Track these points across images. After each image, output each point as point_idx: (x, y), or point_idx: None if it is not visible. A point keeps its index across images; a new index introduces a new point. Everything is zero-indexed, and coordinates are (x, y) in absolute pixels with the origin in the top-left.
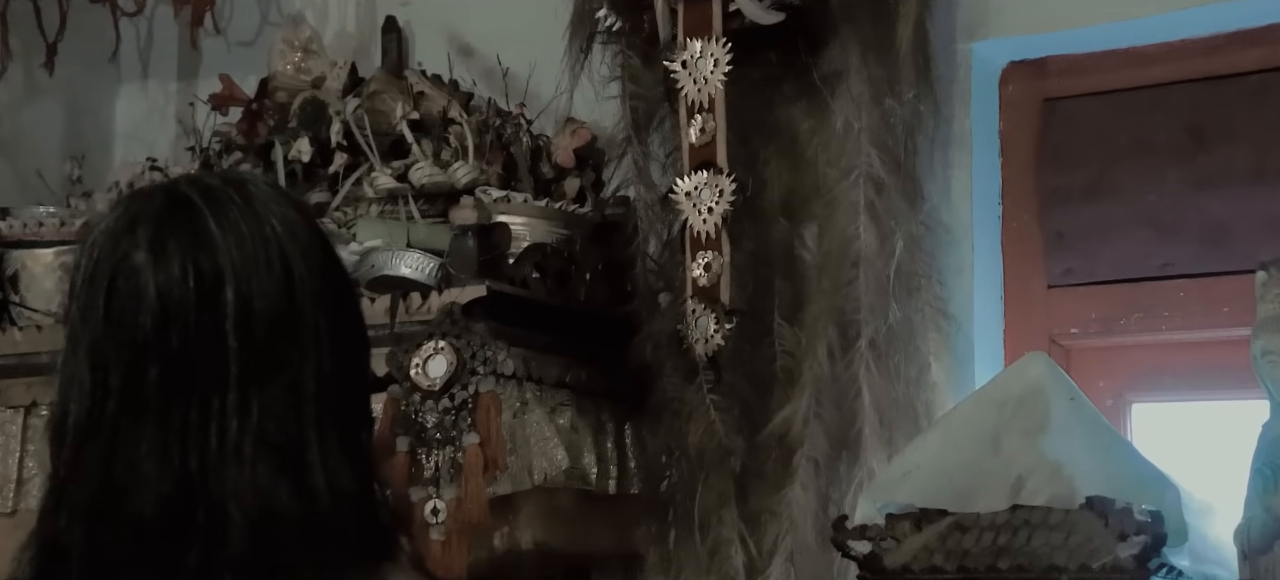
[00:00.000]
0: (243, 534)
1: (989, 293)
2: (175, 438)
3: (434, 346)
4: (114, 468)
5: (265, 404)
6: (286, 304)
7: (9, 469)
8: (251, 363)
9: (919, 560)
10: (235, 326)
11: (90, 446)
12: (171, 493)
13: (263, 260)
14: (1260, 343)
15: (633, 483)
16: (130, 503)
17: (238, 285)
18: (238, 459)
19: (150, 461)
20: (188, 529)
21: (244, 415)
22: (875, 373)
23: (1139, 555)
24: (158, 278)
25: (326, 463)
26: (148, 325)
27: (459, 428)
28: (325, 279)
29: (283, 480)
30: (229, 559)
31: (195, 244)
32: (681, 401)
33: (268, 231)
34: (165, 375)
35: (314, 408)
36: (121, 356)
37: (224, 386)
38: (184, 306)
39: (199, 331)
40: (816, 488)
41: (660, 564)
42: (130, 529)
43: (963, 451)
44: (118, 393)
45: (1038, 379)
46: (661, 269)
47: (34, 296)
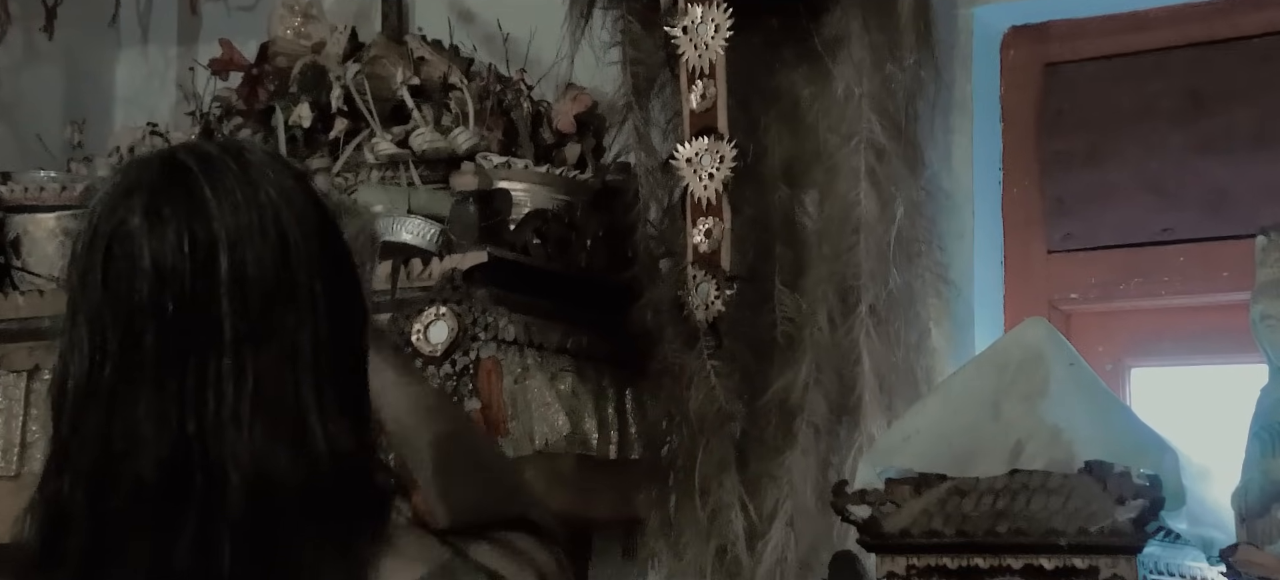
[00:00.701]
0: (241, 496)
1: (989, 258)
2: (173, 401)
3: (435, 312)
4: (113, 431)
5: (261, 368)
6: (281, 270)
7: (12, 433)
8: (247, 328)
9: (918, 524)
10: (230, 292)
11: (90, 410)
12: (170, 456)
13: (257, 227)
14: (1259, 307)
15: (633, 448)
16: (130, 465)
17: (232, 252)
18: (235, 422)
19: (148, 424)
20: (187, 491)
21: (240, 379)
22: (875, 338)
23: (1137, 519)
24: (153, 244)
25: (325, 426)
26: (143, 291)
27: (460, 393)
28: (321, 245)
29: (280, 443)
30: (228, 521)
31: (190, 211)
32: (682, 367)
33: (263, 198)
34: (161, 340)
35: (311, 373)
36: (118, 322)
37: (219, 351)
38: (179, 273)
39: (194, 297)
40: (816, 453)
41: (661, 528)
42: (130, 491)
43: (962, 416)
44: (115, 357)
45: (1037, 344)
46: (662, 235)
47: (36, 261)
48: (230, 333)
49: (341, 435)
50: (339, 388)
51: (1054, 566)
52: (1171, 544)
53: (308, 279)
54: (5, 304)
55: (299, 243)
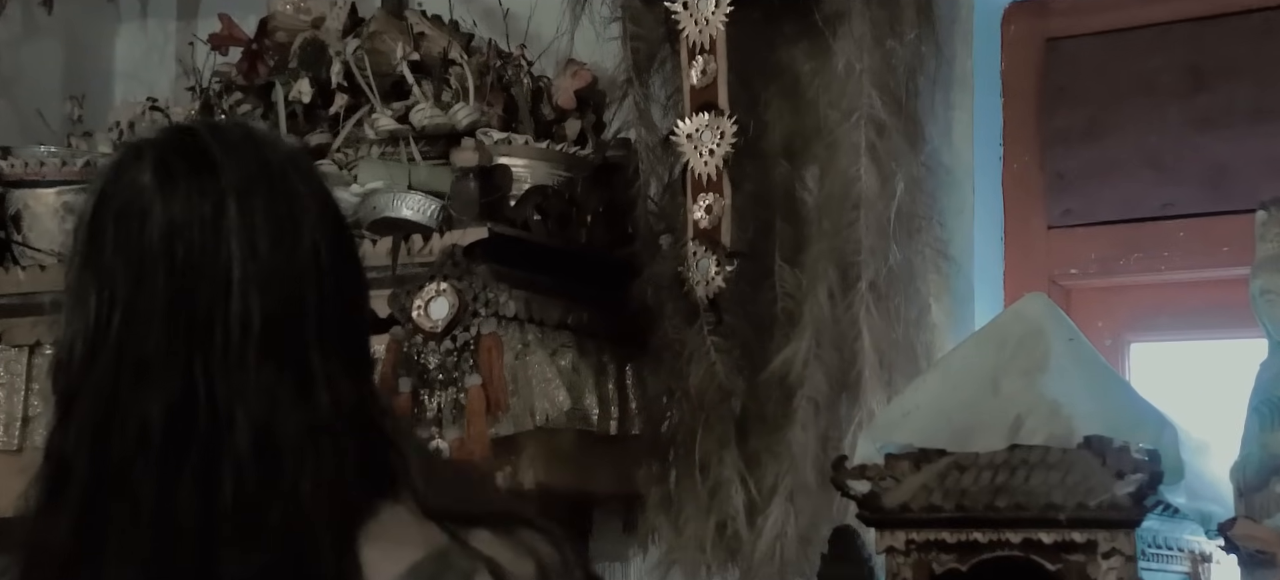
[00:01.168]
0: (247, 435)
1: (989, 234)
2: (181, 341)
3: (436, 288)
4: (122, 372)
5: (267, 313)
6: (288, 224)
7: (14, 407)
8: (254, 274)
9: (917, 499)
10: (238, 239)
11: (99, 357)
12: (178, 396)
13: (264, 180)
14: (1259, 282)
15: (634, 424)
16: (137, 405)
17: (240, 202)
18: (242, 364)
19: (157, 363)
20: (192, 430)
21: (246, 323)
22: (875, 314)
23: (1135, 493)
24: (164, 196)
25: (329, 374)
26: (154, 237)
27: (461, 369)
28: (324, 210)
29: (285, 387)
30: (234, 458)
31: (200, 166)
32: (682, 343)
33: (269, 156)
34: (170, 283)
35: (316, 322)
36: (129, 270)
37: (227, 295)
38: (189, 222)
39: (202, 243)
40: (816, 428)
41: (661, 504)
42: (137, 430)
43: (962, 392)
44: (124, 303)
45: (1037, 319)
46: (662, 211)
47: (36, 236)
48: (238, 276)
49: (344, 385)
50: (342, 345)
51: (1053, 541)
52: (1170, 518)
53: (312, 234)
54: (6, 279)
55: (305, 199)
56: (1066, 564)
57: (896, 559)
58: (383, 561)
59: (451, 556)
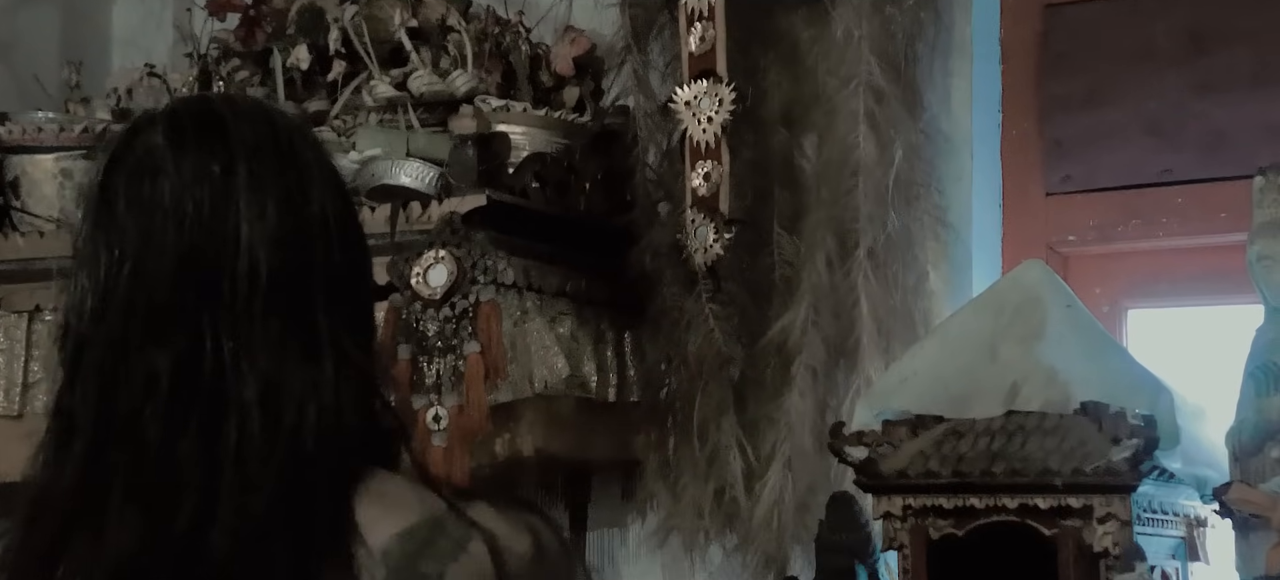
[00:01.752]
0: (253, 390)
1: (987, 201)
2: (190, 296)
3: (434, 256)
4: (130, 325)
5: (275, 269)
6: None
7: (14, 373)
8: (262, 233)
9: (914, 465)
10: (247, 200)
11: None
12: (186, 349)
13: (273, 145)
14: (1256, 247)
15: (632, 391)
16: (145, 356)
17: (250, 165)
18: (249, 318)
19: (165, 319)
20: (198, 381)
21: (254, 279)
22: (873, 281)
23: (1131, 458)
24: (175, 154)
25: (334, 332)
26: (165, 193)
27: (460, 336)
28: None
29: (292, 342)
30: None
31: (211, 129)
32: (680, 310)
33: (278, 124)
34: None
35: (323, 283)
36: (139, 227)
37: (235, 252)
38: (200, 180)
39: (213, 205)
40: (814, 395)
41: (659, 470)
42: (144, 383)
43: (959, 358)
44: (134, 260)
45: (1034, 286)
46: (661, 178)
47: (35, 202)
48: (246, 235)
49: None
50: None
51: (1049, 506)
52: (1165, 483)
53: (320, 199)
54: (5, 245)
55: (312, 167)
56: (1062, 529)
57: (893, 524)
58: (378, 522)
59: (447, 524)
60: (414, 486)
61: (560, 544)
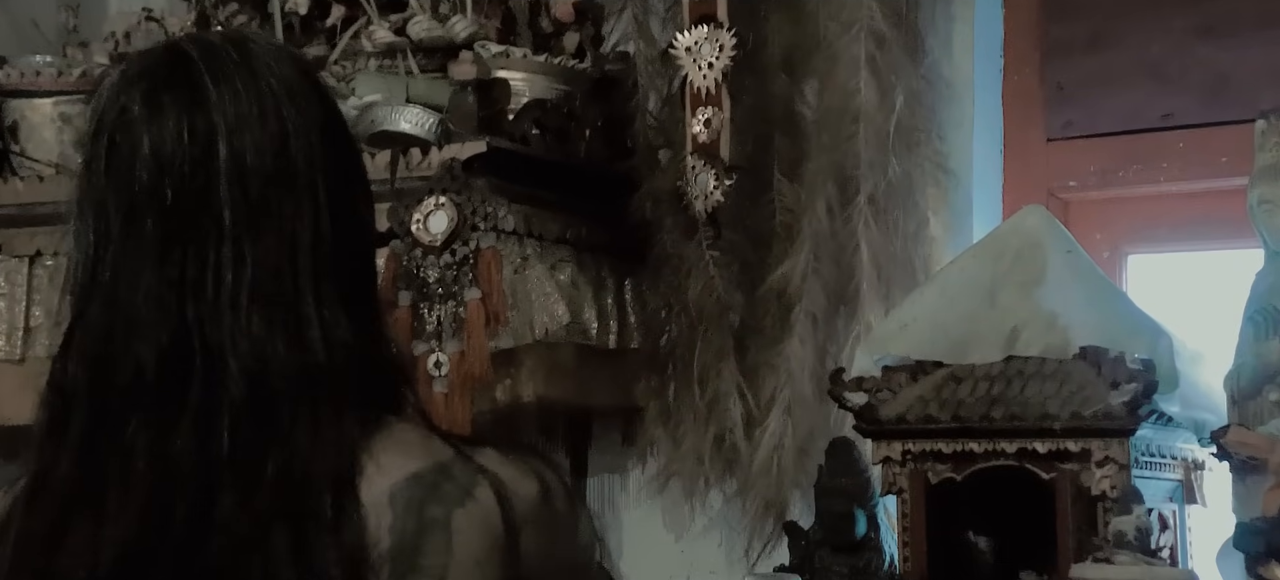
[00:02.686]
0: (240, 382)
1: (988, 147)
2: (172, 288)
3: (435, 202)
4: (114, 317)
5: (259, 257)
6: (280, 160)
7: (16, 317)
8: (245, 217)
9: (914, 411)
10: (228, 180)
11: (94, 296)
12: (170, 342)
13: (257, 116)
14: (1257, 191)
15: (633, 337)
16: (130, 351)
17: (231, 140)
18: (233, 309)
19: (148, 310)
20: (186, 377)
21: (238, 267)
22: (873, 228)
23: (1130, 402)
24: (152, 132)
25: (323, 316)
26: (143, 178)
27: (460, 283)
28: (324, 138)
29: (278, 331)
30: (228, 406)
31: (190, 99)
32: (681, 257)
33: (264, 88)
34: (161, 227)
35: (310, 263)
36: (120, 209)
37: (218, 240)
38: (177, 161)
39: (192, 185)
40: (814, 342)
41: (659, 416)
42: (131, 375)
43: (959, 304)
44: (117, 244)
45: (1035, 232)
46: (661, 125)
47: (34, 146)
48: (229, 221)
49: (339, 326)
50: (339, 280)
51: (1047, 450)
52: (1164, 426)
53: (308, 170)
54: (5, 189)
55: (299, 133)
56: (1060, 473)
57: (892, 469)
58: (385, 468)
59: (454, 469)
60: (421, 432)
61: (565, 489)
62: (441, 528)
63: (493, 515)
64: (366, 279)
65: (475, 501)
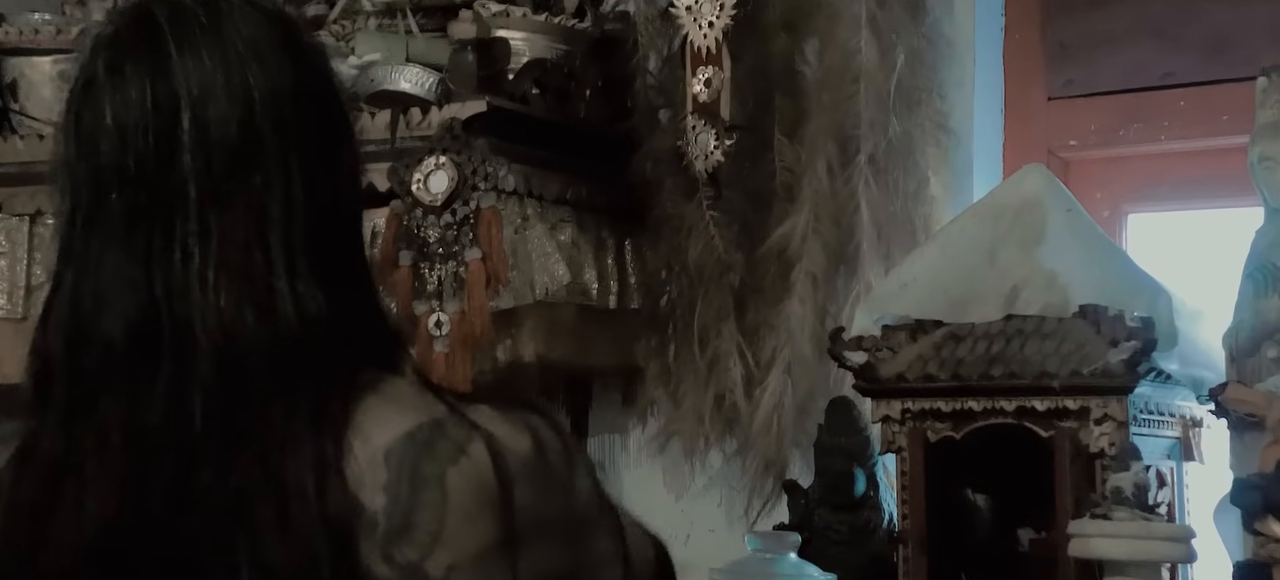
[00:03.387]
0: (210, 358)
1: (989, 106)
2: (139, 262)
3: (435, 162)
4: (83, 290)
5: (226, 230)
6: (246, 130)
7: (17, 276)
8: (210, 189)
9: (913, 369)
10: (192, 152)
11: (67, 269)
12: (138, 317)
13: (222, 84)
14: (1258, 149)
15: (633, 298)
16: (100, 325)
17: (194, 109)
18: (201, 284)
19: (116, 284)
20: (156, 352)
21: (205, 241)
22: (874, 188)
23: (1129, 360)
24: (114, 102)
25: (295, 288)
26: (106, 149)
27: (461, 243)
28: (297, 104)
29: (247, 305)
30: (198, 382)
31: (153, 67)
32: (681, 218)
33: (231, 53)
34: (126, 200)
35: (281, 234)
36: (88, 180)
37: (185, 213)
38: (140, 132)
39: (157, 157)
40: (814, 302)
41: (660, 377)
42: (102, 350)
43: (959, 263)
44: (85, 216)
45: (1035, 191)
46: (661, 85)
47: (33, 105)
48: (194, 193)
49: (313, 299)
50: (316, 249)
51: (1046, 408)
52: (1162, 384)
53: (277, 138)
54: (5, 148)
55: (268, 100)
56: (1059, 430)
57: (892, 428)
58: (379, 426)
59: (447, 425)
60: (415, 389)
61: (562, 442)
62: (435, 486)
63: (486, 472)
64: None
65: (469, 458)
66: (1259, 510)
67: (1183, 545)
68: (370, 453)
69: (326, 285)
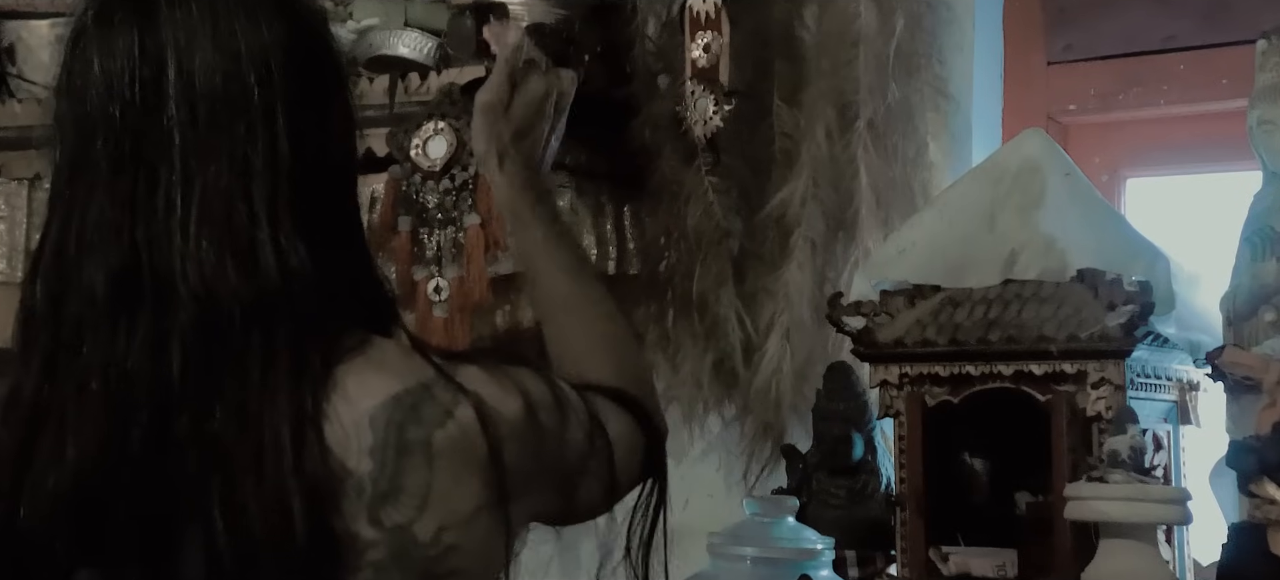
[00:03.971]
0: (190, 307)
1: (989, 71)
2: (123, 210)
3: (433, 127)
4: (68, 236)
5: (209, 182)
6: (232, 82)
7: (16, 239)
8: (194, 140)
9: (911, 334)
10: (177, 102)
11: (53, 216)
12: (119, 265)
13: (209, 35)
14: (1257, 112)
15: (632, 263)
16: (83, 273)
17: (180, 60)
18: (183, 233)
19: (98, 233)
20: (137, 300)
21: (188, 190)
22: (873, 153)
23: (1126, 324)
24: (102, 51)
25: (278, 241)
26: (93, 97)
27: (460, 208)
28: (287, 59)
29: (227, 256)
30: (178, 332)
31: (141, 18)
32: (680, 183)
33: (219, 5)
34: (111, 148)
35: (266, 187)
36: (76, 127)
37: (168, 163)
38: (126, 80)
39: (142, 105)
40: (813, 267)
41: (659, 342)
42: (84, 298)
43: (957, 228)
44: (71, 163)
45: (1034, 155)
46: (660, 50)
47: (31, 69)
48: (178, 143)
49: (296, 253)
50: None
51: (1043, 372)
52: (1159, 348)
53: (263, 92)
54: (3, 112)
55: (255, 53)
56: (1056, 394)
57: (890, 392)
58: (365, 389)
59: (435, 389)
60: (404, 352)
61: (554, 396)
62: (422, 449)
63: (473, 434)
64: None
65: (455, 421)
66: (1254, 472)
67: (1178, 507)
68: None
69: (311, 241)
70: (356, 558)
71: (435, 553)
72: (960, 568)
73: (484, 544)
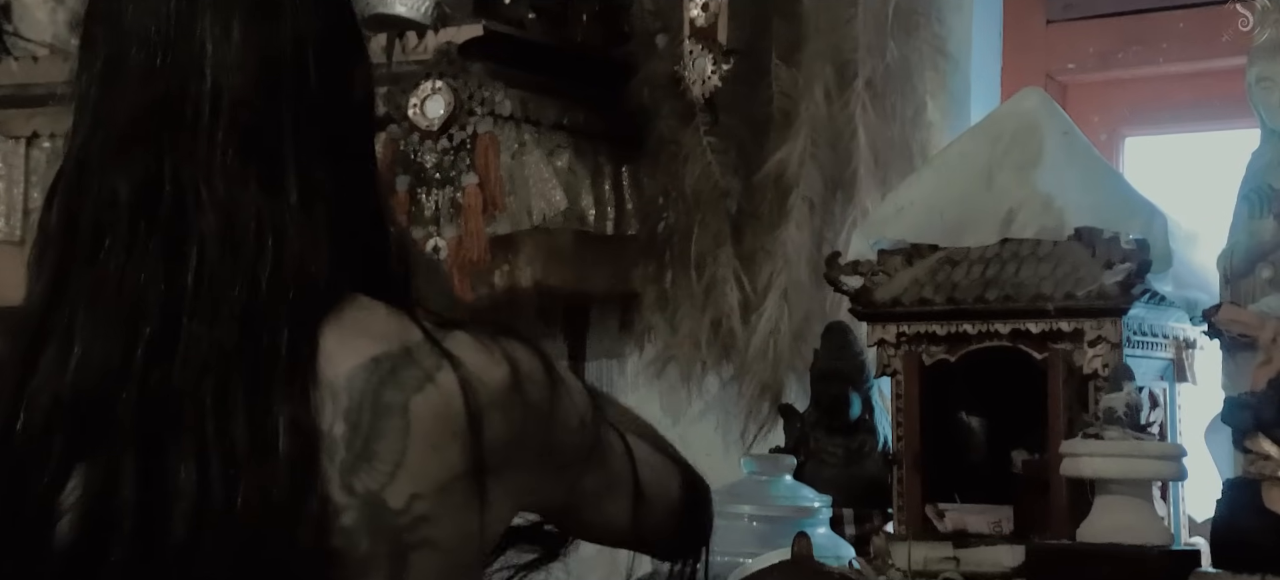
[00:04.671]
0: (210, 215)
1: (988, 30)
2: (151, 120)
3: (431, 87)
4: (90, 150)
5: (238, 99)
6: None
7: (14, 199)
8: (227, 57)
9: (909, 293)
10: (212, 20)
11: (79, 129)
12: (143, 172)
13: None
14: (1255, 69)
15: (630, 223)
16: (107, 174)
17: None
18: (210, 147)
19: (127, 139)
20: (157, 204)
21: (216, 107)
22: (871, 112)
23: (1123, 282)
24: None
25: (303, 166)
26: (130, 14)
27: (458, 168)
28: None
29: (251, 168)
30: (197, 237)
31: None
32: (678, 143)
33: None
34: (143, 57)
35: (293, 109)
36: (109, 40)
37: (200, 76)
38: None
39: (179, 21)
40: (811, 227)
41: (657, 302)
42: (104, 204)
43: (955, 187)
44: (101, 78)
45: (1032, 114)
46: (658, 9)
47: (27, 27)
48: (211, 56)
49: (316, 174)
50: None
51: (1041, 330)
52: (1156, 305)
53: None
54: (0, 70)
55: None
56: (1053, 352)
57: (887, 351)
58: (344, 350)
59: (418, 353)
60: (392, 314)
61: (545, 372)
62: (398, 413)
63: (454, 400)
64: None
65: (435, 386)
66: (1249, 428)
67: (1173, 463)
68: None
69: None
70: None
71: (406, 521)
72: (957, 525)
73: (459, 516)
